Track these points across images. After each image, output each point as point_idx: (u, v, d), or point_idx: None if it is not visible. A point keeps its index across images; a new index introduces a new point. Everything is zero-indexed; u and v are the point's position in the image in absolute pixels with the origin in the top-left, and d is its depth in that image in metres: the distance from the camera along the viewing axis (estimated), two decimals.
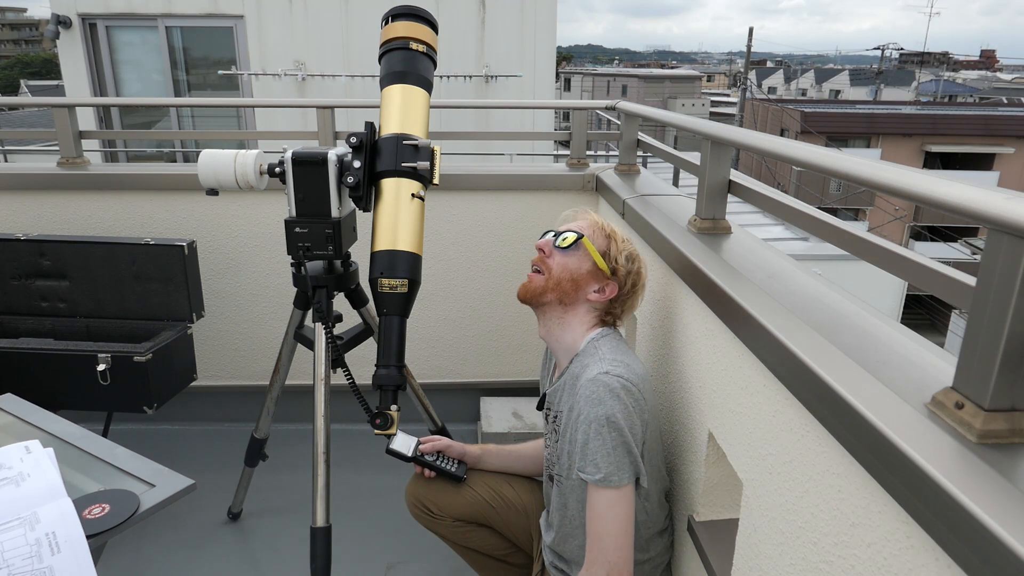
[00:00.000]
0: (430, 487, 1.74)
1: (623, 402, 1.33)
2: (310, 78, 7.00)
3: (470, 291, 2.82)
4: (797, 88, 48.51)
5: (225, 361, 2.86)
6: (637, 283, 1.50)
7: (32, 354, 2.20)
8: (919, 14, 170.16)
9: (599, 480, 1.32)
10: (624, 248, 1.49)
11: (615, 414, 1.31)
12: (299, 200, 1.65)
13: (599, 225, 1.52)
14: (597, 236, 1.50)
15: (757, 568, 1.16)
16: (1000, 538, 0.60)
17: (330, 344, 1.74)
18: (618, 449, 1.32)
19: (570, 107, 2.99)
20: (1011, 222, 0.65)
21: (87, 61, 6.80)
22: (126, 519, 1.09)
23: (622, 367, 1.36)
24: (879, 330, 1.02)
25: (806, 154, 1.11)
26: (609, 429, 1.31)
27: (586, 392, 1.35)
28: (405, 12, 1.76)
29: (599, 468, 1.32)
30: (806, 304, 1.14)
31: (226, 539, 2.28)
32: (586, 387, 1.35)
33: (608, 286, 1.47)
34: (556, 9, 7.12)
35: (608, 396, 1.32)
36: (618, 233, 1.52)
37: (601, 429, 1.32)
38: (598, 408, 1.32)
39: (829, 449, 0.92)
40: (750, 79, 22.50)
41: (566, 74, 50.47)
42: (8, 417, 1.38)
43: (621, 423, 1.31)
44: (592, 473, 1.33)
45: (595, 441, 1.32)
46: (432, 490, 1.73)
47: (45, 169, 2.67)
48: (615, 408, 1.32)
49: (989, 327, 0.70)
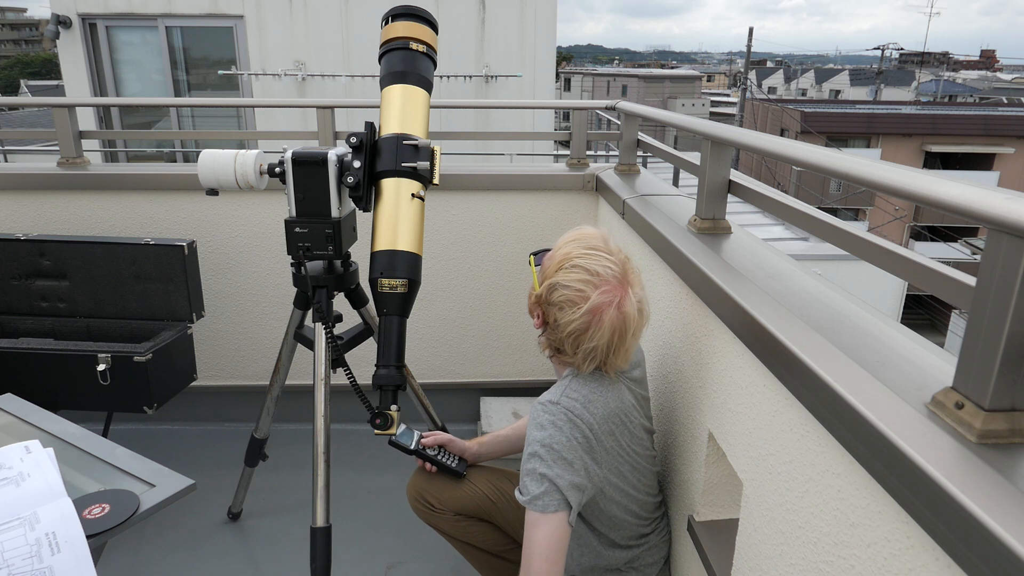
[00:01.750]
0: (431, 481, 1.74)
1: (564, 433, 1.31)
2: (310, 78, 7.00)
3: (470, 291, 2.82)
4: (797, 88, 48.52)
5: (225, 361, 2.86)
6: (559, 320, 1.32)
7: (32, 354, 2.20)
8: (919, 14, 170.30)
9: (526, 501, 1.32)
10: (560, 278, 1.33)
11: (553, 443, 1.30)
12: (299, 200, 1.65)
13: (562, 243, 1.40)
14: (549, 260, 1.39)
15: (757, 568, 1.16)
16: (1000, 538, 0.60)
17: (330, 344, 1.74)
18: (545, 478, 1.30)
19: (570, 107, 2.99)
20: (1011, 222, 0.65)
21: (87, 61, 6.80)
22: (126, 519, 1.09)
23: (578, 402, 1.34)
24: (879, 330, 1.02)
25: (806, 154, 1.11)
26: (545, 453, 1.30)
27: (533, 414, 1.35)
28: (405, 12, 1.76)
29: (528, 490, 1.31)
30: (806, 304, 1.14)
31: (226, 539, 2.28)
32: (535, 409, 1.35)
33: (538, 313, 1.39)
34: (556, 9, 7.12)
35: (549, 423, 1.32)
36: (574, 258, 1.34)
37: (538, 451, 1.31)
38: (539, 432, 1.32)
39: (829, 449, 0.92)
40: (750, 79, 22.51)
41: (566, 74, 50.48)
42: (8, 417, 1.38)
43: (558, 453, 1.30)
44: (523, 494, 1.32)
45: (528, 463, 1.32)
46: (433, 484, 1.73)
47: (45, 169, 2.67)
48: (555, 437, 1.31)
49: (989, 327, 0.70)
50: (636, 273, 1.37)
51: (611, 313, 1.31)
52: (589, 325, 1.31)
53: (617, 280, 1.33)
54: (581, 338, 1.32)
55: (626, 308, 1.32)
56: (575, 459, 1.32)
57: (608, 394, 1.39)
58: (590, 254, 1.34)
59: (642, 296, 1.36)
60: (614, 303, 1.31)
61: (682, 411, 1.57)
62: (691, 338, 1.50)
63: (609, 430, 1.37)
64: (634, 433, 1.44)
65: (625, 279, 1.34)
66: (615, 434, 1.38)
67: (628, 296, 1.33)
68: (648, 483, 1.51)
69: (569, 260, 1.34)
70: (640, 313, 1.35)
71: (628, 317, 1.32)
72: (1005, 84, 49.54)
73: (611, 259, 1.35)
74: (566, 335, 1.33)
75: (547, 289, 1.35)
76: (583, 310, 1.30)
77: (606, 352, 1.34)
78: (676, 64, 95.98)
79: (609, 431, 1.37)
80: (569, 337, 1.33)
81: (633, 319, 1.33)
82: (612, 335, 1.32)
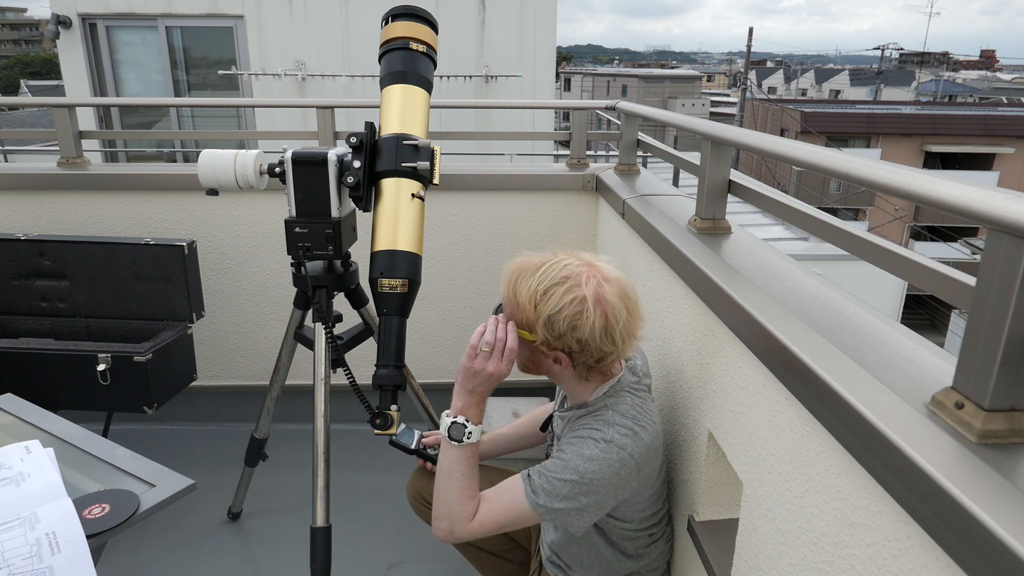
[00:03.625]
0: (431, 481, 1.74)
1: (608, 472, 1.29)
2: (310, 78, 7.00)
3: (470, 291, 2.82)
4: (797, 88, 48.52)
5: (225, 361, 2.86)
6: (583, 336, 1.28)
7: (32, 354, 2.20)
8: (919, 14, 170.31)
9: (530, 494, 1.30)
10: (547, 310, 1.28)
11: (595, 479, 1.29)
12: (299, 200, 1.65)
13: (512, 290, 1.34)
14: (515, 311, 1.34)
15: (757, 568, 1.16)
16: (1000, 538, 0.60)
17: (330, 344, 1.74)
18: (564, 502, 1.29)
19: (570, 107, 2.99)
20: (1011, 222, 0.65)
21: (87, 61, 6.80)
22: (126, 519, 1.09)
23: (629, 438, 1.31)
24: (879, 330, 1.02)
25: (806, 154, 1.11)
26: (579, 483, 1.28)
27: (581, 443, 1.31)
28: (405, 12, 1.76)
29: (540, 490, 1.30)
30: (806, 304, 1.14)
31: (226, 539, 2.28)
32: (586, 441, 1.31)
33: (557, 356, 1.34)
34: (556, 9, 7.12)
35: (598, 459, 1.29)
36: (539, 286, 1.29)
37: (575, 479, 1.29)
38: (582, 463, 1.29)
39: (829, 449, 0.92)
40: (750, 79, 22.51)
41: (566, 74, 50.48)
42: (8, 417, 1.38)
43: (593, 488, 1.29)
44: (533, 490, 1.30)
45: (561, 474, 1.30)
46: (432, 484, 1.73)
47: (45, 169, 2.67)
48: (598, 475, 1.29)
49: (989, 327, 0.70)
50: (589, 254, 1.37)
51: (607, 288, 1.29)
52: (605, 312, 1.28)
53: (583, 265, 1.31)
54: (610, 328, 1.28)
55: (611, 275, 1.31)
56: (606, 497, 1.32)
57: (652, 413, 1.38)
58: (544, 270, 1.31)
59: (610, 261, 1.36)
60: (600, 279, 1.29)
61: (682, 411, 1.57)
62: (691, 338, 1.50)
63: (651, 456, 1.35)
64: None
65: (585, 260, 1.33)
66: (652, 460, 1.37)
67: (602, 267, 1.32)
68: (662, 491, 1.52)
69: (537, 292, 1.29)
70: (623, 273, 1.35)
71: (619, 280, 1.32)
72: (1005, 84, 49.54)
73: (558, 258, 1.32)
74: (598, 338, 1.28)
75: (546, 328, 1.29)
76: (590, 308, 1.27)
77: (632, 324, 1.31)
78: (676, 64, 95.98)
79: (650, 458, 1.35)
80: (601, 338, 1.28)
81: (623, 280, 1.33)
82: (623, 303, 1.30)
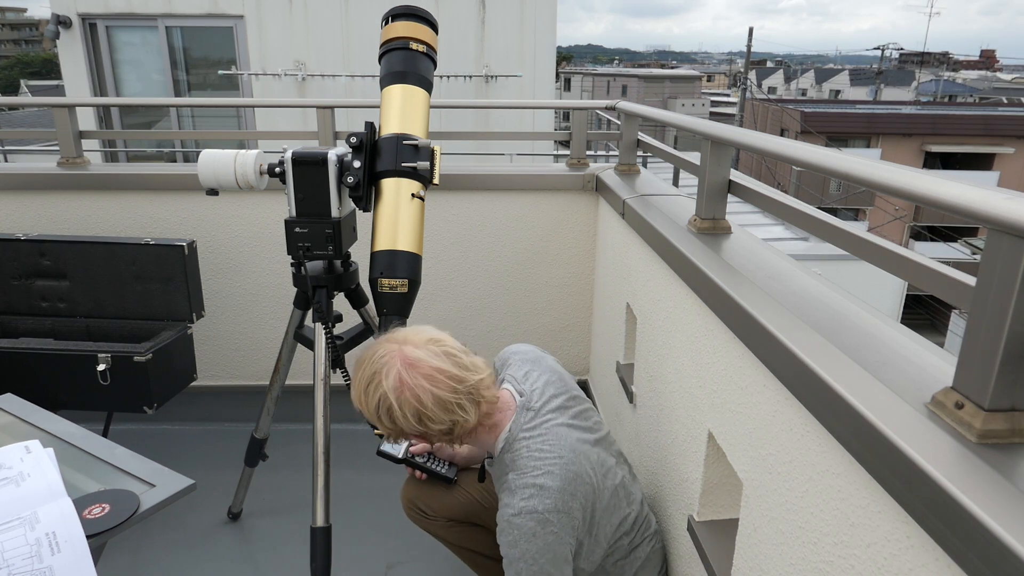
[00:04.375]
0: (422, 489, 1.74)
1: (539, 540, 1.30)
2: (310, 78, 7.00)
3: (470, 291, 2.82)
4: (797, 88, 48.51)
5: (225, 361, 2.86)
6: (403, 425, 1.29)
7: (32, 354, 2.20)
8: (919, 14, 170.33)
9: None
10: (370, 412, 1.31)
11: (530, 554, 1.31)
12: (299, 200, 1.65)
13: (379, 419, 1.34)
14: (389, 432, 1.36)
15: (757, 568, 1.16)
16: (1000, 538, 0.60)
17: (330, 344, 1.74)
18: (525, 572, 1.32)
19: (570, 107, 2.99)
20: (1011, 222, 0.65)
21: (87, 61, 6.80)
22: (126, 519, 1.09)
23: (535, 496, 1.30)
24: (879, 330, 1.02)
25: (806, 154, 1.11)
26: (527, 563, 1.31)
27: (505, 534, 1.33)
28: (405, 12, 1.76)
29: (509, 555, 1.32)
30: (806, 304, 1.14)
31: (226, 539, 2.28)
32: (504, 529, 1.33)
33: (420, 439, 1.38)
34: (556, 9, 7.12)
35: (523, 539, 1.30)
36: (359, 397, 1.33)
37: (518, 566, 1.32)
38: (513, 550, 1.32)
39: (829, 449, 0.92)
40: (750, 79, 22.51)
41: (566, 74, 50.47)
42: (8, 417, 1.38)
43: (538, 559, 1.31)
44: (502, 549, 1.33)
45: (511, 568, 1.33)
46: (424, 492, 1.74)
47: (45, 169, 2.67)
48: (531, 549, 1.31)
49: (989, 327, 0.70)
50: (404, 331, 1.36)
51: (405, 374, 1.27)
52: (416, 390, 1.27)
53: (388, 350, 1.30)
54: (424, 414, 1.27)
55: (412, 355, 1.29)
56: (559, 549, 1.32)
57: (554, 445, 1.35)
58: (365, 380, 1.32)
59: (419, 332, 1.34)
60: (397, 357, 1.29)
61: (682, 411, 1.57)
62: (691, 338, 1.50)
63: (571, 490, 1.34)
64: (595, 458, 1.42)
65: (396, 339, 1.33)
66: (577, 490, 1.35)
67: (405, 345, 1.30)
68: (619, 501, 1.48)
69: (359, 396, 1.32)
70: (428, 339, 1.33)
71: (424, 355, 1.29)
72: (1005, 84, 49.53)
73: (373, 351, 1.33)
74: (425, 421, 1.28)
75: (380, 424, 1.32)
76: (393, 402, 1.27)
77: (459, 388, 1.29)
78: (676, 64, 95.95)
79: (572, 492, 1.34)
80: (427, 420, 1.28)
81: (431, 348, 1.31)
82: (435, 376, 1.28)
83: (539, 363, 1.53)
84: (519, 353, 1.57)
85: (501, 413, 1.41)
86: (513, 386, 1.47)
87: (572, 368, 2.85)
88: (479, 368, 1.34)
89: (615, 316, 2.35)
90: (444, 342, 1.34)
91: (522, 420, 1.39)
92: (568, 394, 1.48)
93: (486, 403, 1.34)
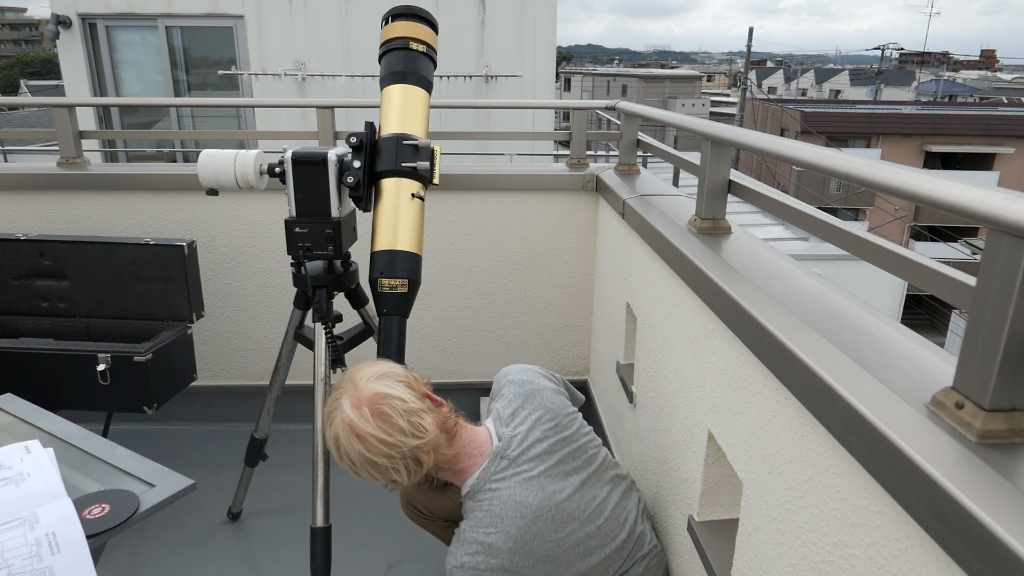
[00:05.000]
0: (418, 489, 1.74)
1: None
2: (310, 78, 7.00)
3: (470, 291, 2.82)
4: (797, 88, 48.51)
5: (225, 361, 2.86)
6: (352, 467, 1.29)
7: (32, 354, 2.20)
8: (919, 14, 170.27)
9: None
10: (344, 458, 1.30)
11: None
12: (299, 200, 1.65)
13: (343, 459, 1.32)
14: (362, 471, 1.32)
15: (757, 568, 1.16)
16: (1000, 538, 0.60)
17: (330, 344, 1.74)
18: None
19: (570, 107, 2.99)
20: (1011, 222, 0.65)
21: (87, 61, 6.80)
22: (126, 519, 1.09)
23: (480, 553, 1.29)
24: (879, 330, 1.02)
25: (806, 154, 1.11)
26: None
27: None
28: (405, 12, 1.76)
29: None
30: (806, 304, 1.14)
31: (226, 539, 2.28)
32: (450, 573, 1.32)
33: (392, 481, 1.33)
34: (556, 9, 7.12)
35: None
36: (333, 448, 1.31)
37: None
38: None
39: (829, 449, 0.92)
40: (750, 79, 22.50)
41: (566, 74, 50.47)
42: (8, 417, 1.38)
43: None
44: None
45: None
46: (420, 492, 1.74)
47: (45, 169, 2.67)
48: None
49: (989, 327, 0.70)
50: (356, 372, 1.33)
51: (351, 415, 1.26)
52: (348, 449, 1.26)
53: (339, 400, 1.29)
54: (369, 457, 1.25)
55: (345, 411, 1.27)
56: None
57: (515, 504, 1.32)
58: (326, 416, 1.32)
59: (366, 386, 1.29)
60: (339, 412, 1.27)
61: (682, 411, 1.57)
62: (691, 338, 1.50)
63: (522, 550, 1.31)
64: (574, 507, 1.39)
65: (340, 391, 1.30)
66: (528, 549, 1.32)
67: (351, 396, 1.28)
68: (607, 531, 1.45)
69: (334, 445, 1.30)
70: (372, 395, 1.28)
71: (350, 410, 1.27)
72: (1005, 84, 49.51)
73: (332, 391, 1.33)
74: (375, 465, 1.26)
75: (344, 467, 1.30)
76: (333, 449, 1.28)
77: (397, 451, 1.26)
78: (676, 64, 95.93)
79: (523, 552, 1.31)
80: (374, 466, 1.26)
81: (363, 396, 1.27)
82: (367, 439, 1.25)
83: (533, 398, 1.48)
84: (515, 384, 1.52)
85: (470, 459, 1.38)
86: (495, 427, 1.44)
87: (572, 368, 2.85)
88: (421, 430, 1.28)
89: (615, 316, 2.35)
90: (388, 399, 1.28)
91: (492, 469, 1.36)
92: (558, 436, 1.44)
93: (431, 464, 1.30)
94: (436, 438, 1.30)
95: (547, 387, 1.54)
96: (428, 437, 1.28)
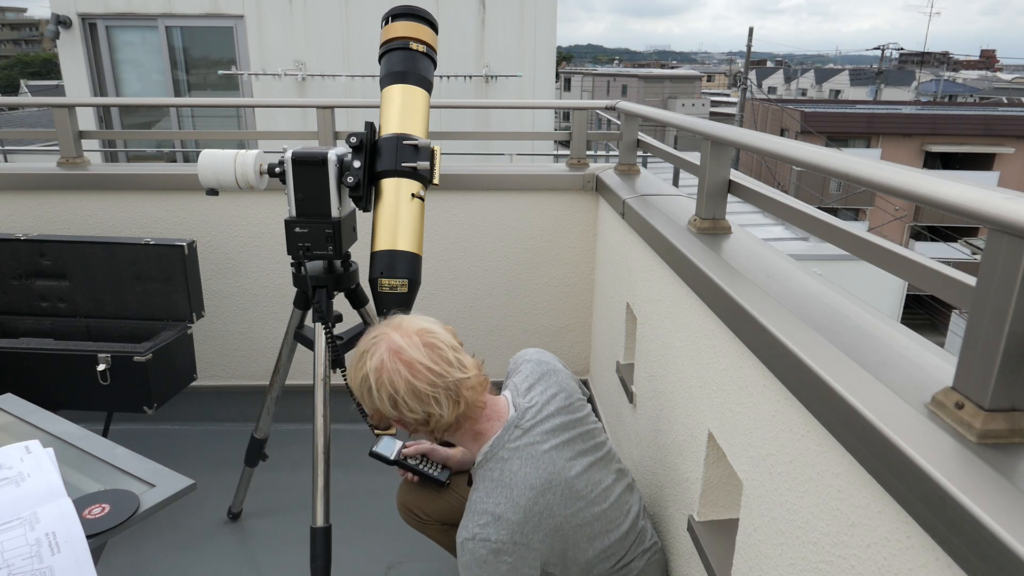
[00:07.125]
0: (415, 492, 1.74)
1: (490, 568, 1.28)
2: (310, 78, 7.00)
3: (470, 291, 2.82)
4: (797, 88, 48.50)
5: (225, 361, 2.86)
6: (380, 407, 1.31)
7: (32, 354, 2.20)
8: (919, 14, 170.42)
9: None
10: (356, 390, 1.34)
11: None
12: (299, 200, 1.65)
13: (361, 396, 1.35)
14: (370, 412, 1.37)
15: (757, 568, 1.16)
16: (1000, 538, 0.60)
17: (330, 344, 1.74)
18: None
19: (570, 107, 2.99)
20: (1011, 222, 0.65)
21: (87, 61, 6.80)
22: (126, 519, 1.09)
23: (490, 524, 1.28)
24: (879, 330, 1.02)
25: (806, 154, 1.11)
26: None
27: (459, 554, 1.32)
28: (405, 12, 1.76)
29: None
30: (806, 304, 1.14)
31: (226, 539, 2.28)
32: (458, 549, 1.31)
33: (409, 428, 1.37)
34: (556, 9, 7.12)
35: (474, 564, 1.28)
36: (351, 377, 1.36)
37: None
38: (467, 572, 1.30)
39: (829, 449, 0.92)
40: (750, 79, 22.50)
41: (566, 74, 50.49)
42: (8, 417, 1.38)
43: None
44: None
45: None
46: (417, 496, 1.74)
47: (45, 169, 2.67)
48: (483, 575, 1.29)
49: (989, 327, 0.70)
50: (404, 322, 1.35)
51: (382, 351, 1.28)
52: (392, 376, 1.27)
53: (383, 333, 1.32)
54: (398, 399, 1.27)
55: (397, 342, 1.29)
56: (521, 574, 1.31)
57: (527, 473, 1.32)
58: (356, 356, 1.35)
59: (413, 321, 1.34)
60: (384, 341, 1.29)
61: (682, 411, 1.57)
62: (691, 338, 1.50)
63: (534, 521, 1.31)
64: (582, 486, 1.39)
65: (386, 327, 1.33)
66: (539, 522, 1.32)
67: (396, 329, 1.31)
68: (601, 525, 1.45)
69: (351, 376, 1.35)
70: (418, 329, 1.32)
71: (417, 336, 1.30)
72: (1005, 84, 49.51)
73: (368, 332, 1.36)
74: (399, 406, 1.28)
75: (365, 403, 1.33)
76: (372, 384, 1.28)
77: (442, 381, 1.28)
78: (676, 64, 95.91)
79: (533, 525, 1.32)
80: (402, 405, 1.28)
81: (423, 333, 1.31)
82: (416, 362, 1.27)
83: (549, 377, 1.49)
84: (532, 362, 1.54)
85: (489, 423, 1.39)
86: (512, 397, 1.45)
87: (572, 368, 2.84)
88: (464, 367, 1.33)
89: (615, 316, 2.35)
90: (434, 334, 1.33)
91: (506, 437, 1.37)
92: (570, 416, 1.44)
93: (467, 404, 1.32)
94: (477, 377, 1.35)
95: (563, 370, 1.56)
96: (470, 374, 1.33)
